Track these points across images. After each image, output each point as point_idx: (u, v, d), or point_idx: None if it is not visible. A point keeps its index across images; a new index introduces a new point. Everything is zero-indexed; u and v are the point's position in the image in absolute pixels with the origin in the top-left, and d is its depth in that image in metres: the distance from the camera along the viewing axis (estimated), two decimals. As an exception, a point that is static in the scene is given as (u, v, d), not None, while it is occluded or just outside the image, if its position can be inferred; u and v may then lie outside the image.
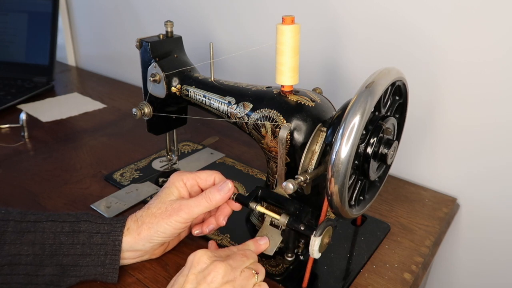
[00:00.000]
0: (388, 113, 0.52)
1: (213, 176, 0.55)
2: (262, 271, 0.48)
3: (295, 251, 0.54)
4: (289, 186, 0.47)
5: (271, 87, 0.58)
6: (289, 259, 0.53)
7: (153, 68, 0.65)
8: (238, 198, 0.55)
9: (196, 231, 0.56)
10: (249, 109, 0.56)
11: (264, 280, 0.48)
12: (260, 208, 0.53)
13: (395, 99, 0.53)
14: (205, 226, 0.55)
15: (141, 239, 0.51)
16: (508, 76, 0.64)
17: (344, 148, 0.42)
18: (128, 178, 0.75)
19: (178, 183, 0.54)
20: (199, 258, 0.45)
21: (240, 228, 0.63)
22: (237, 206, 0.55)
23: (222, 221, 0.55)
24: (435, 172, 0.76)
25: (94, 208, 0.66)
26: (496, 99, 0.66)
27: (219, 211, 0.55)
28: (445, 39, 0.68)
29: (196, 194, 0.55)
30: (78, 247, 0.49)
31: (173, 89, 0.65)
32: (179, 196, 0.54)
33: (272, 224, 0.54)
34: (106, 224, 0.51)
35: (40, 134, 0.92)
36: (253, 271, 0.46)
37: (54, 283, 0.49)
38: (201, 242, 0.60)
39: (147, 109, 0.67)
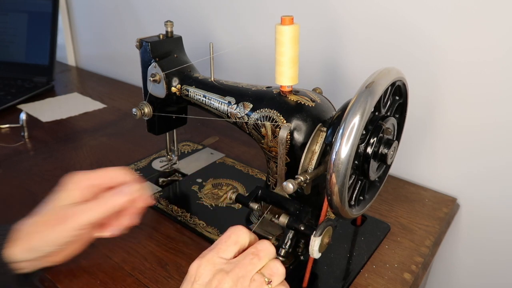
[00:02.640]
0: (388, 113, 0.52)
1: (124, 174, 0.50)
2: (278, 272, 0.42)
3: (289, 250, 0.52)
4: (289, 186, 0.47)
5: (271, 87, 0.58)
6: (281, 258, 0.50)
7: (153, 68, 0.65)
8: (238, 198, 0.55)
9: (96, 234, 0.52)
10: (249, 109, 0.56)
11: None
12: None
13: (395, 99, 0.53)
14: (106, 228, 0.51)
15: (30, 249, 0.47)
16: (508, 76, 0.64)
17: (344, 148, 0.42)
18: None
19: (69, 185, 0.48)
20: (202, 270, 0.40)
21: (240, 228, 0.63)
22: (148, 202, 0.49)
23: (128, 221, 0.50)
24: (435, 172, 0.76)
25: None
26: (496, 99, 0.66)
27: (124, 211, 0.50)
28: (445, 39, 0.68)
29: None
30: None
31: (173, 89, 0.65)
32: (72, 200, 0.48)
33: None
34: None
35: (40, 134, 0.92)
36: (266, 279, 0.41)
37: None
38: (203, 243, 0.60)
39: (147, 109, 0.67)
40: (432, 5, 0.67)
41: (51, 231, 0.46)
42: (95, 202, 0.47)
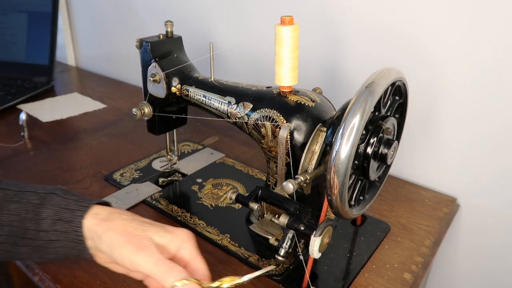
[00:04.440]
0: (388, 113, 0.52)
1: (203, 272, 0.45)
2: None
3: (289, 250, 0.52)
4: (289, 186, 0.47)
5: (271, 87, 0.58)
6: (280, 258, 0.51)
7: (153, 68, 0.65)
8: (238, 198, 0.55)
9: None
10: (249, 109, 0.56)
11: (264, 280, 0.47)
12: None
13: (395, 99, 0.53)
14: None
15: (93, 238, 0.46)
16: (509, 77, 0.64)
17: (344, 148, 0.42)
18: (128, 178, 0.75)
19: (176, 241, 0.45)
20: None
21: (240, 228, 0.63)
22: None
23: None
24: (435, 172, 0.76)
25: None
26: (496, 99, 0.66)
27: None
28: (445, 39, 0.68)
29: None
30: (43, 234, 0.46)
31: (173, 89, 0.65)
32: (162, 246, 0.45)
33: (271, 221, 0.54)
34: (68, 210, 0.47)
35: (40, 134, 0.92)
36: None
37: (35, 258, 0.48)
38: (203, 243, 0.60)
39: (147, 109, 0.67)
40: (432, 5, 0.67)
41: (121, 246, 0.43)
42: (163, 267, 0.42)
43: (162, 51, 0.65)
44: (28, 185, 0.50)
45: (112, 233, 0.44)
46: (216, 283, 0.43)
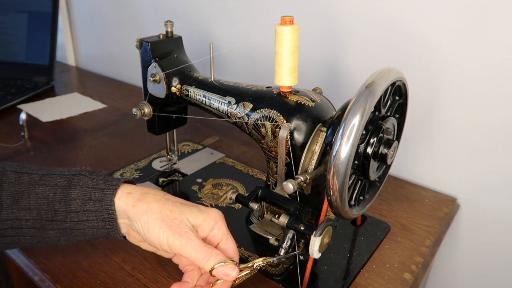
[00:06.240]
0: (388, 113, 0.52)
1: (234, 250, 0.48)
2: None
3: (289, 250, 0.52)
4: (289, 186, 0.47)
5: (271, 87, 0.58)
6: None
7: (153, 68, 0.65)
8: (238, 198, 0.55)
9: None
10: (249, 109, 0.56)
11: (265, 280, 0.47)
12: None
13: (395, 99, 0.53)
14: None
15: (131, 213, 0.46)
16: (509, 77, 0.64)
17: (344, 148, 0.42)
18: (128, 178, 0.75)
19: (209, 220, 0.47)
20: None
21: (240, 228, 0.63)
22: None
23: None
24: (435, 172, 0.76)
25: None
26: (496, 100, 0.66)
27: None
28: (445, 39, 0.68)
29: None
30: (73, 215, 0.46)
31: (173, 89, 0.65)
32: (197, 226, 0.46)
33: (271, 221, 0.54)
34: (98, 189, 0.47)
35: (40, 134, 0.92)
36: None
37: (63, 241, 0.48)
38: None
39: (147, 109, 0.67)
40: (432, 5, 0.67)
41: (160, 231, 0.44)
42: (204, 251, 0.44)
43: (162, 51, 0.65)
44: (52, 168, 0.50)
45: (150, 217, 0.45)
46: (249, 264, 0.45)
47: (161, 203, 0.46)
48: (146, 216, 0.45)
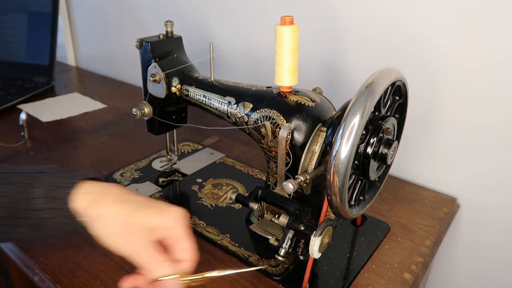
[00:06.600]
0: (388, 113, 0.52)
1: (189, 253, 0.46)
2: None
3: (289, 250, 0.51)
4: (289, 186, 0.47)
5: (271, 87, 0.58)
6: (280, 258, 0.51)
7: (153, 68, 0.65)
8: (238, 198, 0.55)
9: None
10: (249, 109, 0.56)
11: (264, 280, 0.47)
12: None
13: (395, 99, 0.53)
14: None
15: (87, 214, 0.45)
16: (509, 77, 0.64)
17: (344, 148, 0.42)
18: (128, 178, 0.75)
19: (169, 224, 0.46)
20: None
21: (240, 228, 0.63)
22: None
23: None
24: (435, 172, 0.76)
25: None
26: (496, 100, 0.66)
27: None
28: (445, 39, 0.68)
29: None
30: (39, 212, 0.47)
31: (173, 89, 0.65)
32: (155, 228, 0.46)
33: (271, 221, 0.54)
34: (58, 187, 0.47)
35: (40, 134, 0.92)
36: None
37: (35, 237, 0.49)
38: (203, 243, 0.60)
39: (147, 109, 0.67)
40: (432, 5, 0.67)
41: (114, 236, 0.44)
42: (155, 262, 0.43)
43: (162, 51, 0.65)
44: (22, 167, 0.50)
45: (103, 221, 0.45)
46: (199, 275, 0.44)
47: (117, 206, 0.46)
48: (100, 220, 0.45)
